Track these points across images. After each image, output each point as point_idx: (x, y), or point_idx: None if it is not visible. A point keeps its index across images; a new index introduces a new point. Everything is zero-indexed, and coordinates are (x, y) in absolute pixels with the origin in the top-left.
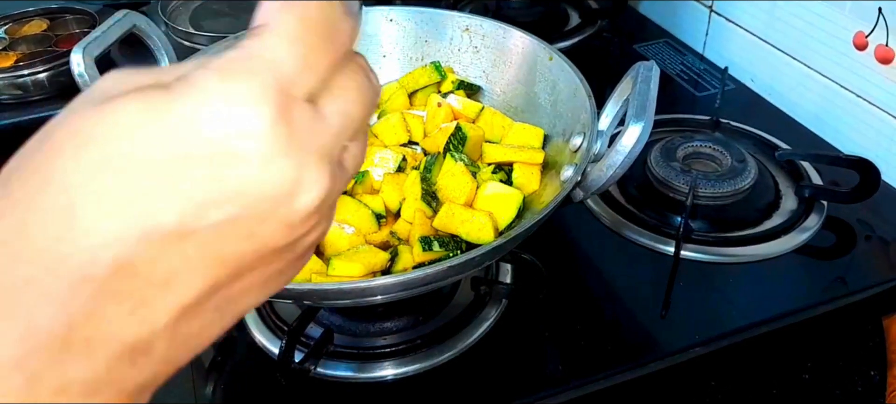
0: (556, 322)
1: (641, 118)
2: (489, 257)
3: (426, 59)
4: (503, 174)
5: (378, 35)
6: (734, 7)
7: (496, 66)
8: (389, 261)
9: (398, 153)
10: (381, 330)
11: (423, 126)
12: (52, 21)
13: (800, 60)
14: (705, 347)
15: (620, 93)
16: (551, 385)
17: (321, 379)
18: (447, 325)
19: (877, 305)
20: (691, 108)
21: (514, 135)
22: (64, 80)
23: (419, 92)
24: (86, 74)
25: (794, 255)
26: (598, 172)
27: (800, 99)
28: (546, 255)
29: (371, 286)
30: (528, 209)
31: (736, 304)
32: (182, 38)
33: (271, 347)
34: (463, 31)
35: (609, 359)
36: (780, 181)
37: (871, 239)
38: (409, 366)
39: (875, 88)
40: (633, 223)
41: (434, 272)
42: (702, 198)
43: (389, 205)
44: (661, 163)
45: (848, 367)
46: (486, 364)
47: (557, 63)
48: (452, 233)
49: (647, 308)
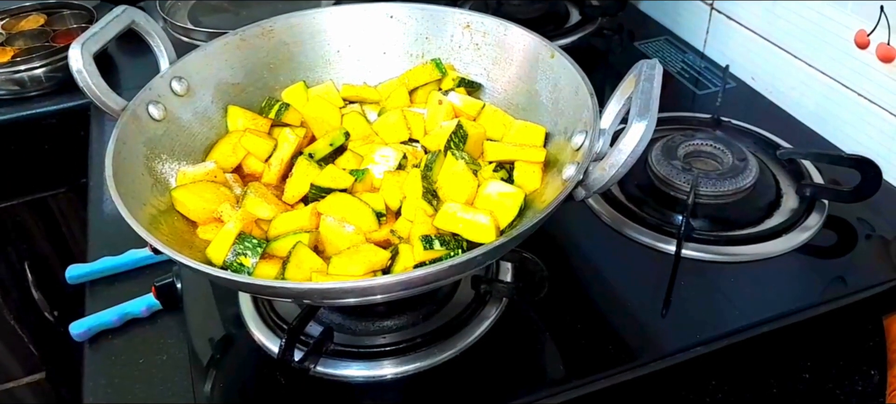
0: (556, 321)
1: (644, 116)
2: (490, 256)
3: (427, 56)
4: (504, 172)
5: (378, 32)
6: (735, 5)
7: (497, 63)
8: (390, 259)
9: (399, 151)
10: (381, 329)
11: (424, 123)
12: (50, 16)
13: (801, 59)
14: (705, 347)
15: (623, 91)
16: (551, 385)
17: (321, 377)
18: (447, 324)
19: (877, 305)
20: (692, 107)
21: (516, 133)
22: (61, 76)
23: (420, 89)
24: (84, 70)
25: (794, 254)
26: (600, 171)
27: (801, 97)
28: (547, 254)
29: (371, 285)
30: (529, 208)
31: (736, 304)
32: (180, 34)
33: (271, 346)
34: (464, 28)
35: (609, 359)
36: (782, 180)
37: (871, 238)
38: (408, 365)
39: (877, 87)
40: (633, 221)
41: (435, 271)
42: (703, 197)
43: (390, 204)
44: (662, 162)
45: (848, 367)
46: (486, 363)
47: (559, 61)
48: (453, 232)
49: (647, 307)
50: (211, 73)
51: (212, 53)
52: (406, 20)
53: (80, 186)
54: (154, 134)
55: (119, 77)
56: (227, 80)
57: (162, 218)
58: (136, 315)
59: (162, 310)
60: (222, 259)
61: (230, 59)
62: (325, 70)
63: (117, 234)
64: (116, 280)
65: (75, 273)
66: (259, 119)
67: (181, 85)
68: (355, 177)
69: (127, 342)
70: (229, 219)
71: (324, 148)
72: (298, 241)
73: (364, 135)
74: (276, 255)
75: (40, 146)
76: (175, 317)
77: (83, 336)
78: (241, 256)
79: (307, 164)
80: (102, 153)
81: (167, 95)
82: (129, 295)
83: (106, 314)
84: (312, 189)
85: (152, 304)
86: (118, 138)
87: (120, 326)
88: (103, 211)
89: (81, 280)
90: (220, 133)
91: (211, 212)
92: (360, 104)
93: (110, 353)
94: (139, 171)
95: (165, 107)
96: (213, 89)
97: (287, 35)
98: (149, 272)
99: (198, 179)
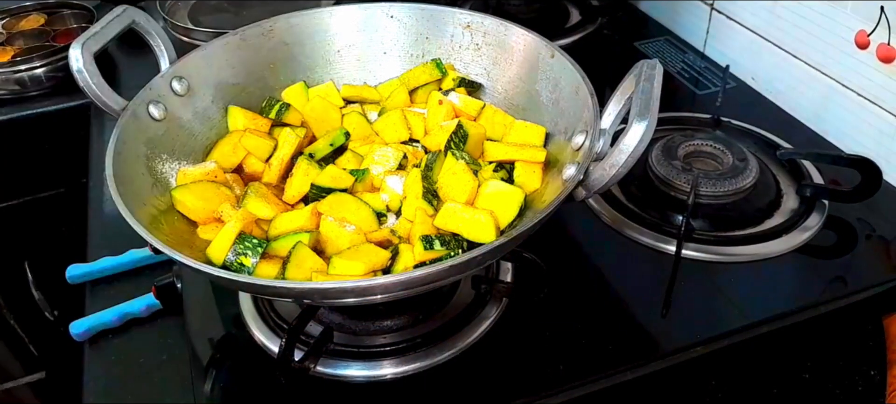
0: (556, 321)
1: (645, 117)
2: (490, 256)
3: (427, 56)
4: (504, 172)
5: (378, 32)
6: (735, 5)
7: (497, 63)
8: (390, 259)
9: (399, 151)
10: (381, 329)
11: (424, 123)
12: (50, 16)
13: (801, 59)
14: (705, 347)
15: (623, 91)
16: (551, 385)
17: (321, 377)
18: (447, 324)
19: (877, 305)
20: (692, 107)
21: (516, 133)
22: (62, 76)
23: (420, 89)
24: (84, 70)
25: (795, 255)
26: (600, 171)
27: (801, 97)
28: (547, 254)
29: (372, 285)
30: (529, 208)
31: (736, 304)
32: (181, 34)
33: (271, 346)
34: (464, 27)
35: (609, 359)
36: (782, 180)
37: (871, 238)
38: (408, 365)
39: (877, 87)
40: (634, 222)
41: (435, 271)
42: (703, 197)
43: (390, 204)
44: (663, 162)
45: (848, 367)
46: (486, 363)
47: (559, 60)
48: (453, 232)
49: (647, 307)
50: (211, 73)
51: (212, 53)
52: (406, 20)
53: (80, 186)
54: (154, 134)
55: (119, 77)
56: (227, 80)
57: (162, 217)
58: (136, 315)
59: (162, 310)
60: (222, 259)
61: (230, 59)
62: (325, 70)
63: (117, 234)
64: (116, 280)
65: (75, 273)
66: (259, 119)
67: (181, 85)
68: (355, 177)
69: (127, 342)
70: (229, 219)
71: (324, 148)
72: (299, 241)
73: (364, 135)
74: (276, 255)
75: (40, 146)
76: (175, 317)
77: (83, 336)
78: (241, 256)
79: (307, 164)
80: (102, 153)
81: (167, 95)
82: (129, 295)
83: (106, 314)
84: (312, 189)
85: (152, 304)
86: (118, 138)
87: (120, 326)
88: (103, 211)
89: (81, 280)
90: (220, 133)
91: (211, 211)
92: (361, 104)
93: (110, 353)
94: (139, 171)
95: (166, 107)
96: (214, 89)
97: (287, 35)
98: (149, 272)
99: (198, 179)
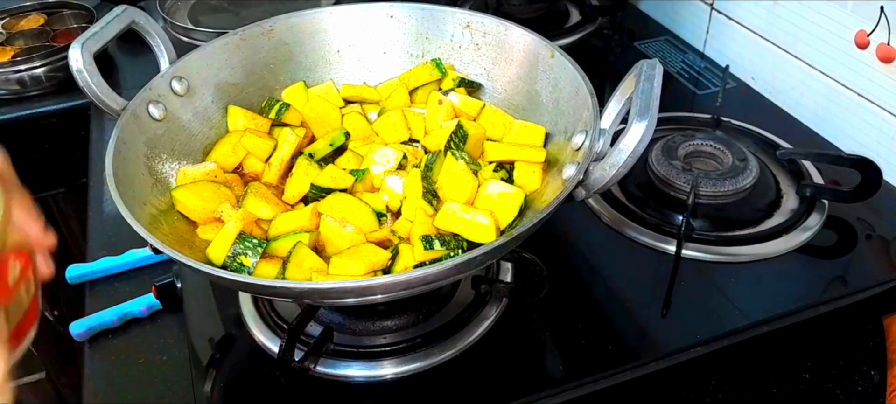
0: (556, 321)
1: (645, 117)
2: (490, 256)
3: (427, 56)
4: (504, 172)
5: (378, 31)
6: (735, 5)
7: (497, 63)
8: (390, 259)
9: (399, 151)
10: (381, 329)
11: (424, 123)
12: (50, 16)
13: (801, 59)
14: (705, 347)
15: (623, 91)
16: (551, 385)
17: (321, 377)
18: (447, 324)
19: (877, 305)
20: (692, 107)
21: (516, 133)
22: (61, 76)
23: (420, 89)
24: (84, 70)
25: (795, 255)
26: (600, 171)
27: (801, 97)
28: (547, 254)
29: (372, 285)
30: (529, 208)
31: (736, 304)
32: (180, 34)
33: (271, 346)
34: (464, 27)
35: (609, 359)
36: (782, 180)
37: (871, 238)
38: (408, 365)
39: (877, 87)
40: (633, 221)
41: (435, 271)
42: (703, 197)
43: (390, 204)
44: (663, 162)
45: (848, 367)
46: (486, 363)
47: (559, 60)
48: (453, 232)
49: (647, 307)
50: (211, 73)
51: (212, 53)
52: (406, 20)
53: (80, 186)
54: (154, 133)
55: (119, 77)
56: (227, 79)
57: (162, 217)
58: (136, 315)
59: (162, 310)
60: (222, 259)
61: (230, 59)
62: (325, 70)
63: (117, 234)
64: (116, 280)
65: (75, 272)
66: (259, 119)
67: (181, 85)
68: (355, 177)
69: (127, 342)
70: (229, 219)
71: (324, 148)
72: (298, 241)
73: (364, 135)
74: (276, 255)
75: (40, 146)
76: (175, 317)
77: (83, 336)
78: (241, 256)
79: (307, 164)
80: (102, 153)
81: (167, 95)
82: (129, 295)
83: (106, 314)
84: (312, 189)
85: (152, 304)
86: (118, 138)
87: (120, 326)
88: (103, 211)
89: (81, 279)
90: (220, 133)
91: (211, 211)
92: (360, 104)
93: (110, 353)
94: (139, 171)
95: (165, 107)
96: (214, 89)
97: (287, 35)
98: (149, 272)
99: (198, 179)
